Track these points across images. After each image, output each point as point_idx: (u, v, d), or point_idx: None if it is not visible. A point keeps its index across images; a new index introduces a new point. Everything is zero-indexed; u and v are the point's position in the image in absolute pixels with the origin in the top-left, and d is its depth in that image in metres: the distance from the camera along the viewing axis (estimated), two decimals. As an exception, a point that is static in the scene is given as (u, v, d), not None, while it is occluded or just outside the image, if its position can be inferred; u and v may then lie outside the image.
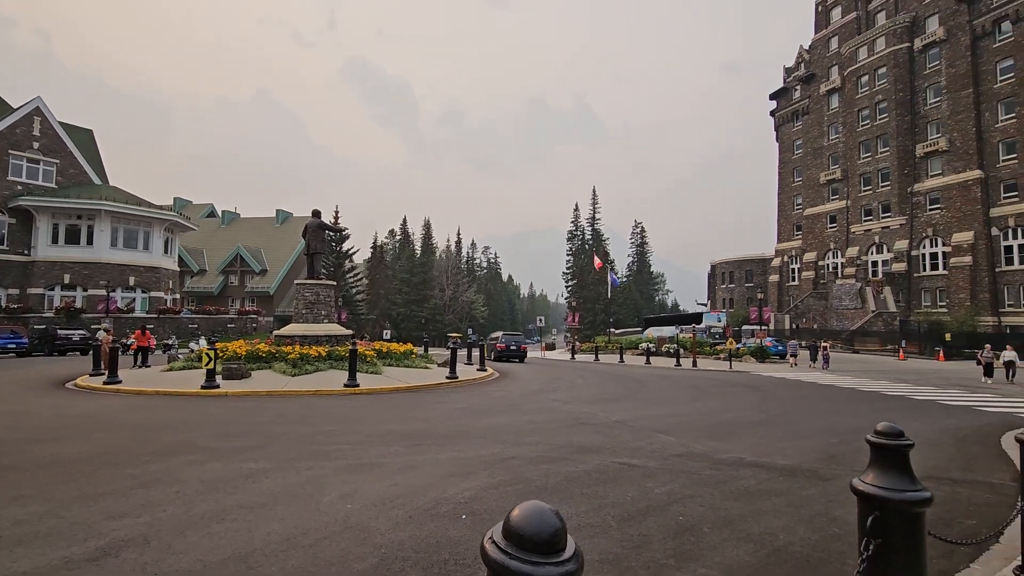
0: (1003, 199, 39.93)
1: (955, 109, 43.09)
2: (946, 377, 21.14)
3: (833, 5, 55.22)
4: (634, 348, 37.45)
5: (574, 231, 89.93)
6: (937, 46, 44.64)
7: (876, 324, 42.03)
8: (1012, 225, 39.10)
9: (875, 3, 50.71)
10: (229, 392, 12.29)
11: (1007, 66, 40.20)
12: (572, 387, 15.81)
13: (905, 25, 46.75)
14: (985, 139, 41.27)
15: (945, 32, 43.80)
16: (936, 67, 44.79)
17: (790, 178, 60.18)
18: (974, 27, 42.04)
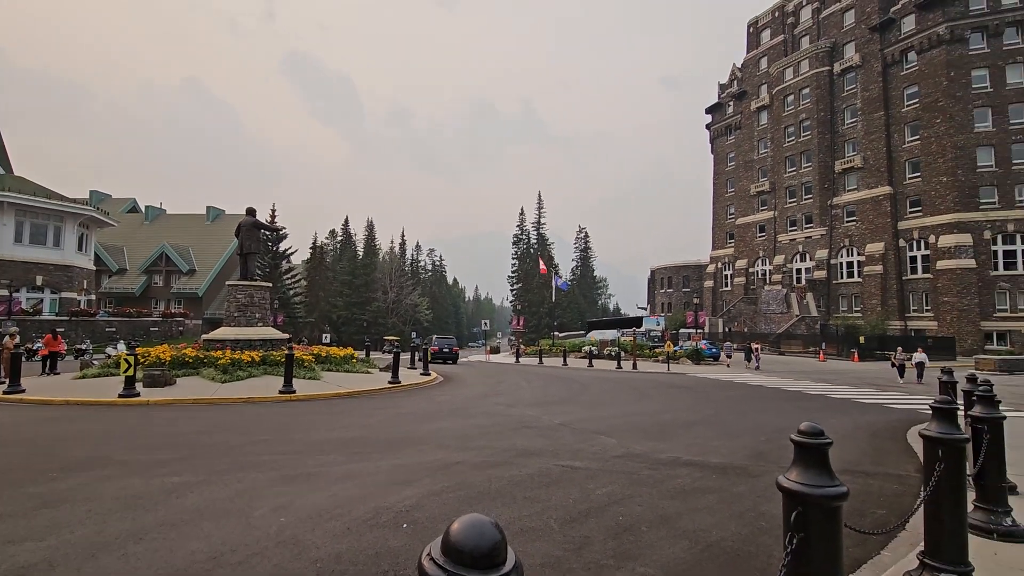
0: (909, 213, 43.75)
1: (869, 130, 46.86)
2: (860, 377, 22.86)
3: (763, 27, 58.76)
4: (577, 351, 38.09)
5: (520, 235, 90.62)
6: (854, 71, 48.42)
7: (800, 328, 44.89)
8: (916, 237, 42.90)
9: (800, 28, 54.38)
10: (151, 401, 11.49)
11: (913, 92, 44.15)
12: (516, 390, 15.88)
13: (826, 50, 50.40)
14: (894, 158, 45.11)
15: (860, 58, 47.59)
16: (853, 90, 48.55)
17: (724, 189, 63.35)
18: (885, 55, 45.92)
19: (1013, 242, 38.53)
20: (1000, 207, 39.16)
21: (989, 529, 4.10)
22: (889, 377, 22.57)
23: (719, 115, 64.92)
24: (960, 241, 39.50)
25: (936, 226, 41.30)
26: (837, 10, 50.29)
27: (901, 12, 44.70)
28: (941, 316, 40.20)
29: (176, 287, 56.37)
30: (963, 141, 40.53)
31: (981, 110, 40.41)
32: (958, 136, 40.65)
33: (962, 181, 40.30)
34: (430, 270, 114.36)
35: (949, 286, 39.63)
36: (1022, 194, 38.85)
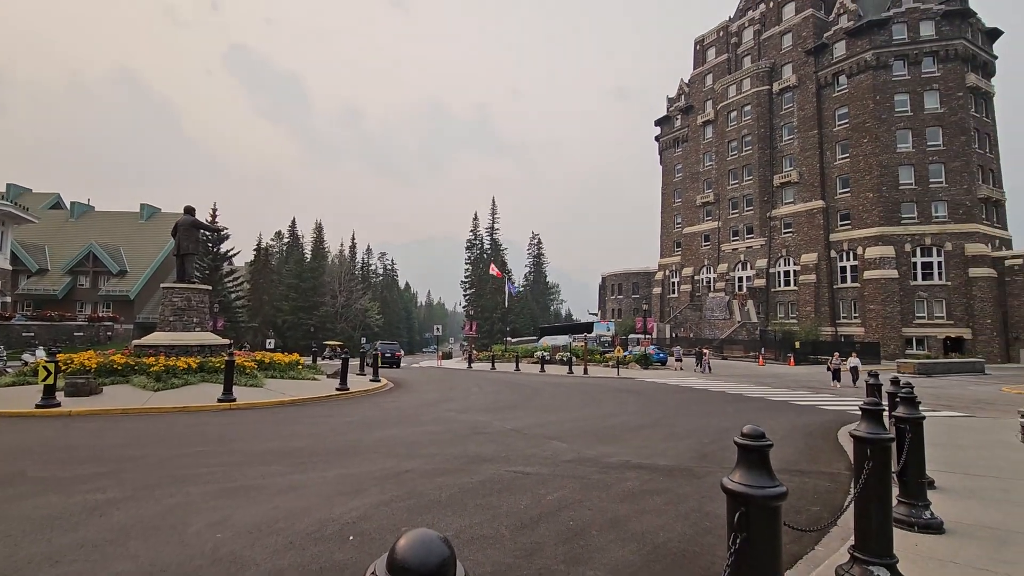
0: (839, 226, 46.66)
1: (804, 147, 49.72)
2: (796, 380, 24.09)
3: (709, 45, 61.38)
4: (529, 356, 38.28)
5: (473, 240, 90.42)
6: (791, 91, 51.31)
7: (741, 333, 46.90)
8: (845, 249, 45.79)
9: (743, 48, 57.16)
10: (73, 411, 10.67)
11: (843, 113, 47.22)
12: (468, 396, 15.77)
13: (766, 70, 53.19)
14: (827, 174, 48.03)
15: (797, 79, 50.50)
16: (790, 109, 51.43)
17: (672, 199, 65.55)
18: (819, 77, 48.93)
19: (930, 255, 41.76)
20: (919, 222, 42.38)
21: (911, 522, 4.38)
22: (822, 380, 23.90)
23: (667, 128, 67.20)
24: (884, 253, 42.46)
25: (863, 238, 44.23)
26: (776, 33, 53.21)
27: (833, 38, 47.79)
28: (867, 322, 43.01)
29: (105, 289, 52.81)
30: (887, 160, 43.67)
31: (903, 132, 43.68)
32: (883, 155, 43.76)
33: (886, 197, 43.38)
34: (381, 274, 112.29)
35: (874, 295, 42.49)
36: (938, 211, 42.20)
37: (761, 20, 55.01)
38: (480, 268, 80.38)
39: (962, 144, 42.16)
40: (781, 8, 53.08)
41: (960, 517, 4.75)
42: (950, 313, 40.46)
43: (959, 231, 41.05)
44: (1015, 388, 21.18)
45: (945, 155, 42.35)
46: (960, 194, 41.70)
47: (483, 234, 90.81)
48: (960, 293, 40.30)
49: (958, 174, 41.90)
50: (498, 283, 59.21)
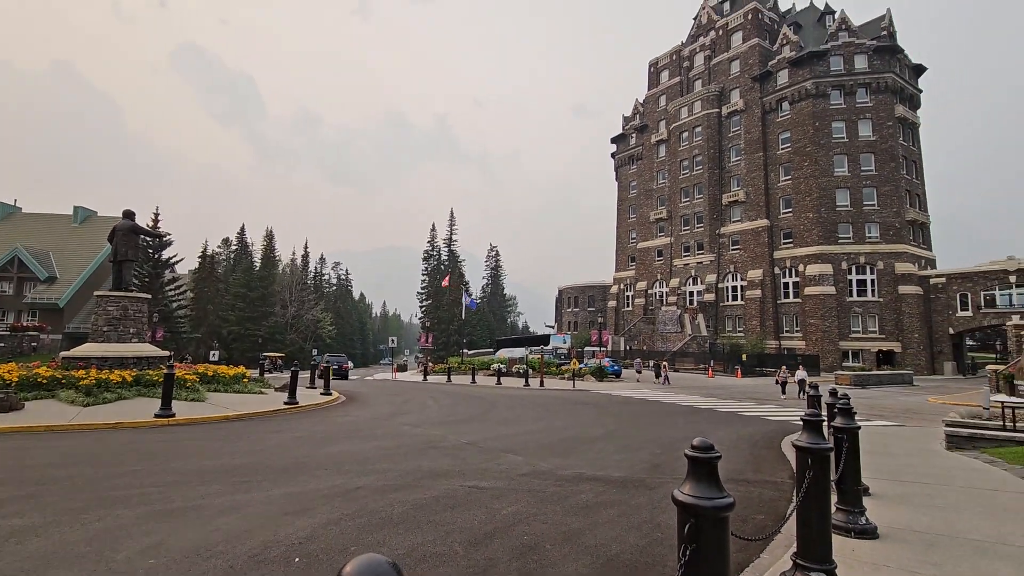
0: (782, 244, 49.03)
1: (750, 168, 52.16)
2: (743, 391, 24.98)
3: (663, 68, 63.75)
4: (486, 369, 38.10)
5: (431, 251, 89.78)
6: (738, 114, 53.85)
7: (692, 346, 48.32)
8: (788, 266, 48.11)
9: (694, 72, 59.67)
10: (-11, 429, 9.82)
11: (786, 137, 49.90)
12: (423, 409, 15.53)
13: (715, 94, 55.66)
14: (771, 194, 50.49)
15: (744, 104, 53.08)
16: (737, 132, 53.93)
17: (627, 214, 67.21)
18: (764, 103, 51.60)
19: (864, 272, 44.42)
20: (854, 242, 45.07)
21: (848, 528, 4.59)
22: (767, 391, 24.88)
23: (623, 145, 69.09)
24: (823, 271, 44.87)
25: (804, 256, 46.62)
26: (725, 59, 55.87)
27: (777, 66, 50.58)
28: (808, 336, 45.20)
29: (31, 296, 49.23)
30: (825, 183, 46.35)
31: (839, 157, 46.54)
32: (821, 179, 46.43)
33: (824, 218, 45.96)
34: (335, 284, 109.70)
35: (814, 310, 44.76)
36: (871, 231, 45.03)
37: (711, 46, 57.66)
38: (437, 279, 79.77)
39: (892, 170, 45.29)
40: (730, 36, 55.83)
41: (892, 522, 5.01)
42: (882, 328, 43.07)
43: (889, 251, 43.91)
44: (939, 399, 22.69)
45: (877, 180, 45.36)
46: (890, 216, 44.69)
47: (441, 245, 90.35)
48: (891, 309, 43.00)
49: (888, 198, 44.93)
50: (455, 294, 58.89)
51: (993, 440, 9.34)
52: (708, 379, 35.40)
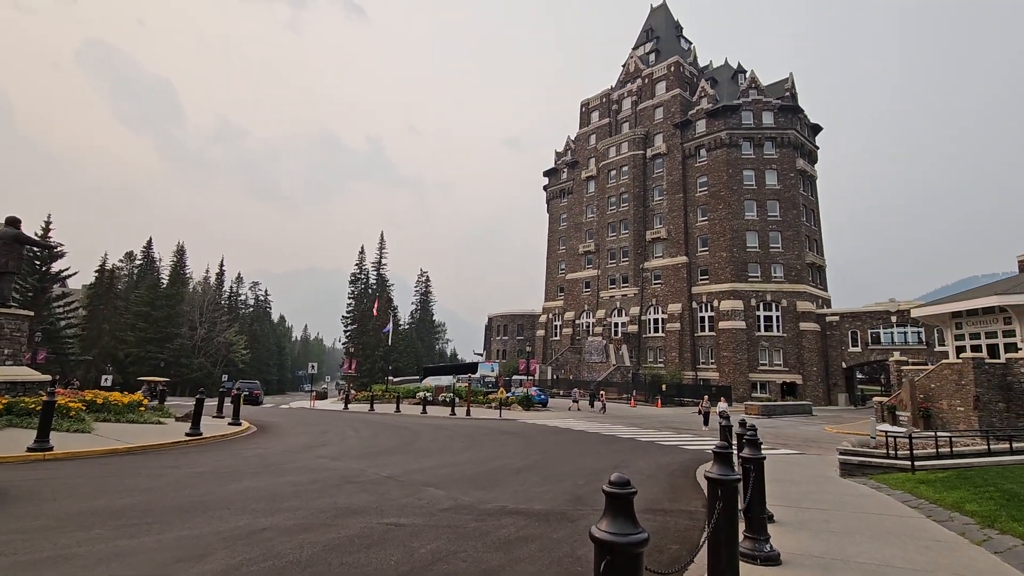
0: (699, 280, 52.17)
1: (671, 208, 55.48)
2: (663, 421, 25.92)
3: (593, 109, 67.07)
4: (412, 397, 37.18)
5: (358, 274, 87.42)
6: (661, 157, 57.43)
7: (616, 376, 49.75)
8: (705, 301, 51.15)
9: (622, 115, 63.25)
10: None
11: (703, 181, 53.70)
12: (342, 440, 14.82)
13: (641, 137, 59.17)
14: (690, 233, 53.84)
15: (666, 148, 56.74)
16: (660, 173, 57.40)
17: (557, 246, 69.04)
18: (684, 148, 55.43)
19: (771, 309, 48.04)
20: (761, 280, 48.79)
21: (754, 555, 4.81)
22: (684, 421, 25.96)
23: (555, 179, 71.42)
24: (735, 306, 48.07)
25: (718, 292, 49.79)
26: (650, 105, 59.74)
27: (696, 116, 54.71)
28: (721, 368, 47.94)
29: None
30: (737, 225, 50.13)
31: (750, 202, 50.64)
32: (734, 221, 50.18)
33: (736, 257, 49.52)
34: (252, 305, 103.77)
35: (727, 343, 47.66)
36: (776, 272, 48.99)
37: (638, 92, 61.53)
38: (364, 303, 77.61)
39: (794, 216, 49.80)
40: (655, 85, 59.90)
41: (793, 548, 5.32)
42: (786, 361, 46.53)
43: (792, 290, 47.89)
44: (834, 428, 24.68)
45: (781, 225, 49.68)
46: (792, 259, 48.92)
47: (369, 268, 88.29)
48: (793, 344, 46.64)
49: (791, 241, 49.25)
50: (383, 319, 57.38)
51: (879, 467, 10.24)
52: (631, 408, 36.44)
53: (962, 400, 18.54)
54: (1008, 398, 18.02)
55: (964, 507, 6.74)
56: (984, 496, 7.02)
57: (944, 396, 19.47)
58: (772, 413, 33.45)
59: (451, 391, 35.37)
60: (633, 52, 64.77)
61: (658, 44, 63.52)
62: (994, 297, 20.63)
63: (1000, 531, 5.74)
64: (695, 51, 63.93)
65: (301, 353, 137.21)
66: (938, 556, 5.16)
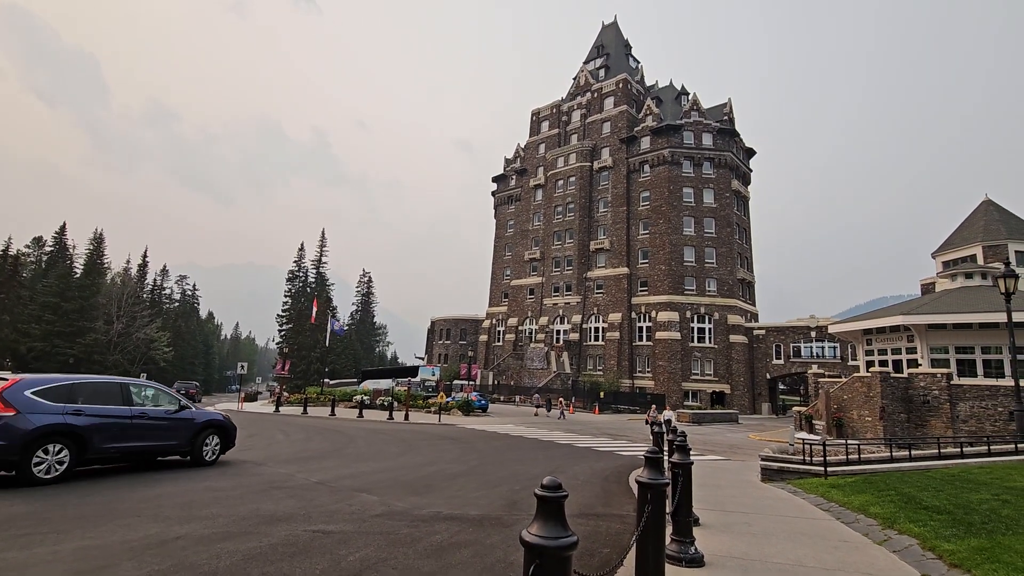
0: (639, 291, 53.86)
1: (615, 220, 57.05)
2: (600, 427, 26.46)
3: (544, 118, 68.04)
4: (348, 401, 36.17)
5: (297, 272, 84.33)
6: (607, 170, 58.99)
7: (556, 382, 50.39)
8: (643, 311, 52.83)
9: (571, 126, 64.55)
10: None
11: (646, 195, 55.59)
12: (271, 444, 14.17)
13: (588, 148, 60.57)
14: (632, 245, 55.52)
15: (612, 161, 58.35)
16: (606, 185, 58.93)
17: (503, 252, 69.31)
18: (630, 163, 57.20)
19: (704, 321, 50.24)
20: (696, 294, 50.99)
21: (679, 558, 4.97)
22: (620, 427, 26.60)
23: (503, 185, 71.78)
24: (671, 318, 49.95)
25: (656, 304, 51.59)
26: (598, 119, 61.32)
27: (641, 132, 56.64)
28: (657, 376, 49.62)
29: None
30: (676, 240, 52.20)
31: (688, 218, 52.88)
32: (673, 236, 52.23)
33: (674, 270, 51.53)
34: (178, 300, 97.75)
35: (663, 352, 49.41)
36: (710, 286, 51.36)
37: (587, 106, 63.02)
38: (301, 302, 74.83)
39: (728, 234, 52.46)
40: (603, 100, 61.56)
41: (717, 550, 5.54)
42: (716, 371, 48.79)
43: (724, 304, 50.34)
44: (758, 435, 26.05)
45: (716, 241, 52.18)
46: (725, 274, 51.47)
47: (308, 266, 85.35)
48: (723, 355, 48.98)
49: (725, 257, 51.82)
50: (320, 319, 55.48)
51: (796, 472, 10.88)
52: (570, 414, 36.98)
53: (870, 411, 20.08)
54: (909, 409, 19.68)
55: (869, 510, 7.26)
56: (886, 499, 7.60)
57: (855, 407, 21.01)
58: (702, 421, 34.88)
59: (390, 395, 34.65)
60: (584, 66, 66.33)
61: (608, 60, 65.39)
62: (899, 316, 22.53)
63: (899, 531, 6.22)
64: (642, 70, 66.22)
65: (231, 352, 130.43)
66: (845, 555, 5.53)
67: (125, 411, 8.69)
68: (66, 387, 8.06)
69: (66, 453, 7.74)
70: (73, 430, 7.81)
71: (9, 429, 7.22)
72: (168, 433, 9.37)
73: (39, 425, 7.47)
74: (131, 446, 8.72)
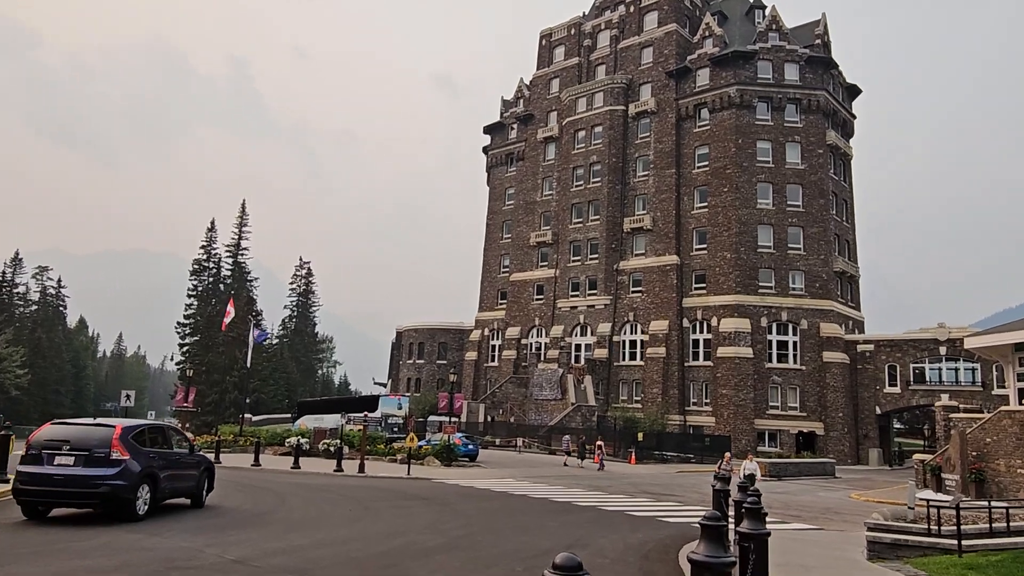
0: (693, 289, 53.95)
1: (660, 187, 57.09)
2: (637, 483, 26.49)
3: (557, 43, 68.05)
4: (279, 444, 36.37)
5: (205, 262, 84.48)
6: (648, 116, 59.01)
7: (575, 419, 50.41)
8: (699, 318, 52.93)
9: (597, 54, 64.51)
10: None
11: (703, 153, 55.67)
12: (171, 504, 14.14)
13: (621, 86, 60.57)
14: (683, 224, 55.56)
15: (656, 104, 58.36)
16: (646, 139, 58.97)
17: (499, 233, 69.38)
18: (680, 106, 57.20)
19: (786, 332, 50.34)
20: (776, 293, 51.08)
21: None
22: (667, 482, 26.62)
23: (500, 138, 71.81)
24: (739, 327, 50.00)
25: (718, 307, 51.67)
26: (635, 44, 61.29)
27: (697, 63, 56.66)
28: (719, 411, 49.70)
29: None
30: (747, 216, 52.25)
31: (764, 185, 52.95)
32: (742, 209, 52.27)
33: (744, 260, 51.59)
34: (36, 302, 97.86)
35: (728, 377, 49.46)
36: (795, 282, 51.44)
37: (620, 25, 62.93)
38: (212, 304, 74.98)
39: (820, 208, 52.49)
40: (643, 16, 61.48)
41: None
42: (803, 403, 48.87)
43: (815, 307, 50.43)
44: (863, 495, 26.08)
45: (804, 218, 52.22)
46: (817, 265, 51.51)
47: (223, 254, 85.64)
48: (814, 380, 49.04)
49: (816, 241, 51.86)
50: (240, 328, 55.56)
51: (918, 547, 10.88)
52: (593, 464, 37.06)
53: None
54: (1078, 457, 19.66)
55: (1021, 600, 7.25)
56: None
57: (1003, 454, 20.98)
58: (784, 473, 34.96)
59: (338, 436, 34.74)
60: (615, -32, 66.26)
61: (650, -41, 65.36)
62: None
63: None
64: (699, -27, 66.19)
65: (112, 376, 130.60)
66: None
67: (173, 454, 13.01)
68: (145, 431, 12.31)
69: (149, 492, 11.60)
70: (152, 471, 11.76)
71: (126, 471, 11.02)
72: (190, 474, 13.54)
73: (143, 467, 11.41)
74: (175, 487, 12.90)
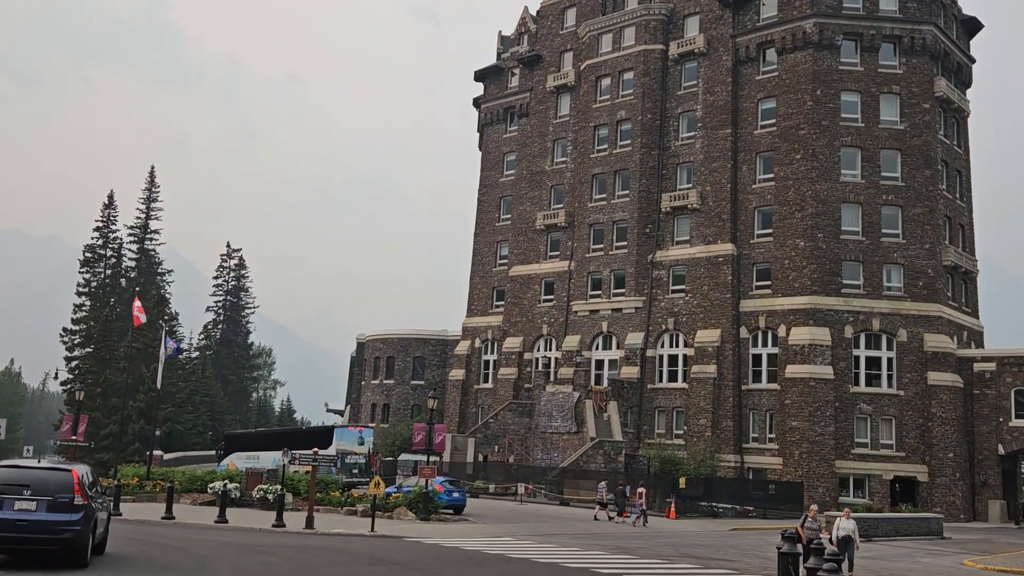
0: (754, 289, 53.53)
1: (710, 153, 56.64)
2: (677, 543, 26.04)
3: (575, -40, 67.60)
4: (200, 491, 36.06)
5: (101, 247, 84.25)
6: (695, 59, 58.61)
7: (596, 458, 49.97)
8: (762, 326, 52.51)
9: (627, -25, 64.08)
10: None
11: (769, 108, 55.27)
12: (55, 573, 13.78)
13: (660, 19, 60.22)
14: (741, 202, 55.10)
15: (705, 42, 57.94)
16: (693, 88, 58.56)
17: (494, 212, 68.99)
18: (738, 45, 56.77)
19: (878, 346, 49.99)
20: (865, 294, 50.78)
21: None
22: (716, 543, 26.14)
23: (497, 87, 71.45)
24: (816, 338, 49.62)
25: (788, 312, 51.31)
26: (679, -38, 60.89)
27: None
28: (787, 448, 49.27)
29: None
30: (826, 192, 51.92)
31: (850, 151, 52.64)
32: (820, 184, 51.93)
33: (822, 250, 51.24)
34: None
35: (800, 404, 49.06)
36: (891, 278, 51.10)
37: (659, -64, 62.59)
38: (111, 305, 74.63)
39: (926, 181, 52.14)
40: (689, -76, 61.10)
41: None
42: (901, 440, 48.45)
43: (917, 313, 50.14)
44: (979, 561, 25.42)
45: (904, 195, 51.86)
46: (921, 257, 51.15)
47: (124, 237, 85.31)
48: (915, 409, 48.68)
49: (920, 226, 51.48)
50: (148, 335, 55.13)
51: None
52: (622, 517, 36.69)
53: None
54: None
55: None
56: None
57: None
58: (874, 533, 34.53)
59: (278, 481, 34.47)
60: None
61: None
62: None
63: None
64: None
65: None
66: None
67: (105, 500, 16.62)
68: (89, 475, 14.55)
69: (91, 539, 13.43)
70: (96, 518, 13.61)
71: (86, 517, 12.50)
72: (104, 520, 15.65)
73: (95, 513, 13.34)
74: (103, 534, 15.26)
